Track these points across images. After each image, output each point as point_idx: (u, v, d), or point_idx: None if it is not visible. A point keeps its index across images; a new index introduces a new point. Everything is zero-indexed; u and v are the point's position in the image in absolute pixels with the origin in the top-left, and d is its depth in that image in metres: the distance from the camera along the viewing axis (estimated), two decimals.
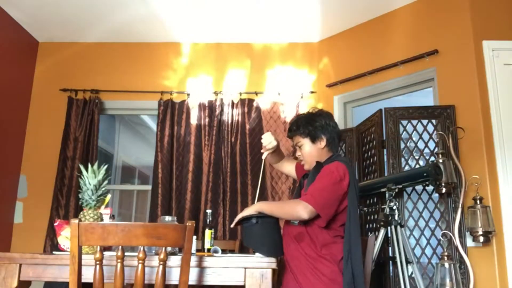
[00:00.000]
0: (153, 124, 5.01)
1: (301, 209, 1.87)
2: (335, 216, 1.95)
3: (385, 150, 2.94)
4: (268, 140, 2.18)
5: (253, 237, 1.99)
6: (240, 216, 2.00)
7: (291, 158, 2.45)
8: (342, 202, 1.96)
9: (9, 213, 3.72)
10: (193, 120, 3.84)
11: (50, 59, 4.11)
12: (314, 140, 2.10)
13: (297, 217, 1.90)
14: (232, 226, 2.08)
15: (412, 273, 2.52)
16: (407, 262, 2.47)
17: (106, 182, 1.94)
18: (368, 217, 3.10)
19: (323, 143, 2.10)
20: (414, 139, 2.92)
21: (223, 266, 1.78)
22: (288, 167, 2.39)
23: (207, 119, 3.83)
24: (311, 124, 2.11)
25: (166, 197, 3.67)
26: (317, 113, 2.17)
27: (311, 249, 1.95)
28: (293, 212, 1.90)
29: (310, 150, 2.11)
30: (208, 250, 2.58)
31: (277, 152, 2.29)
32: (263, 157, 2.23)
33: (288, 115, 3.80)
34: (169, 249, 1.96)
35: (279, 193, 3.64)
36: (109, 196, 2.12)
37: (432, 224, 2.77)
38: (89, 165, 1.92)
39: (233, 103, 3.87)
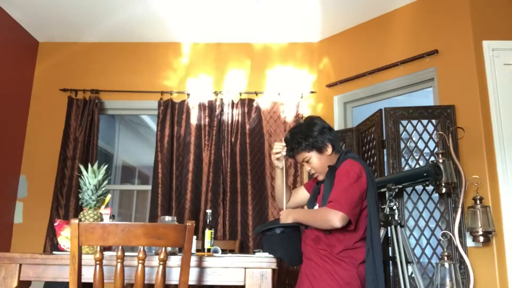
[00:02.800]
0: (153, 124, 5.00)
1: (333, 218, 1.82)
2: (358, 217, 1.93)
3: (385, 150, 2.94)
4: (279, 146, 2.14)
5: (277, 246, 2.00)
6: (272, 225, 2.03)
7: (296, 189, 2.40)
8: (364, 201, 1.94)
9: (9, 213, 3.72)
10: (193, 120, 3.84)
11: (50, 59, 4.11)
12: (320, 150, 2.07)
13: (331, 226, 1.85)
14: (254, 233, 2.11)
15: (412, 273, 2.52)
16: (407, 262, 2.47)
17: (106, 182, 1.94)
18: None
19: (329, 149, 2.07)
20: (414, 139, 2.92)
21: (223, 266, 1.78)
22: (301, 195, 2.32)
23: (207, 119, 3.83)
24: (310, 136, 2.06)
25: (166, 197, 3.67)
26: (309, 122, 2.13)
27: (329, 252, 1.93)
28: (326, 222, 1.86)
29: (321, 161, 2.07)
30: (208, 250, 2.58)
31: (287, 189, 2.25)
32: (283, 154, 2.15)
33: (288, 115, 3.80)
34: (169, 249, 1.96)
35: None
36: (109, 196, 2.12)
37: (432, 224, 2.77)
38: (89, 165, 1.92)
39: (233, 103, 3.87)
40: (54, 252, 1.93)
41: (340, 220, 1.82)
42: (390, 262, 2.71)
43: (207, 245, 2.62)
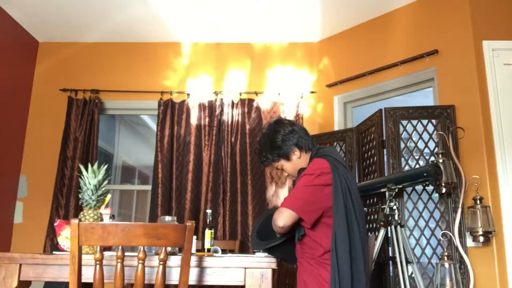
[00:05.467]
0: (153, 124, 5.01)
1: (276, 217, 1.81)
2: (329, 216, 1.85)
3: (385, 150, 2.94)
4: None
5: (275, 249, 1.99)
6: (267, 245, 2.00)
7: None
8: (328, 198, 1.85)
9: (9, 213, 3.72)
10: (193, 120, 3.84)
11: (50, 59, 4.11)
12: (288, 157, 2.06)
13: (276, 225, 1.83)
14: (254, 249, 2.10)
15: (412, 273, 2.52)
16: (407, 262, 2.47)
17: (106, 182, 1.94)
18: (368, 217, 3.10)
19: (296, 153, 2.05)
20: (414, 139, 2.92)
21: (223, 266, 1.78)
22: None
23: (207, 119, 3.83)
24: (274, 146, 2.05)
25: (166, 197, 3.67)
26: (270, 131, 2.09)
27: (312, 255, 1.90)
28: (273, 222, 1.84)
29: (292, 166, 2.07)
30: (208, 250, 2.58)
31: None
32: None
33: (288, 115, 3.80)
34: (169, 249, 1.96)
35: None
36: (109, 196, 2.12)
37: (432, 224, 2.77)
38: (89, 165, 1.92)
39: (233, 103, 3.87)
40: (54, 252, 1.93)
41: (283, 217, 1.79)
42: (390, 262, 2.71)
43: (207, 245, 2.62)
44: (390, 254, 2.70)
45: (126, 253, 1.55)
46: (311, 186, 1.85)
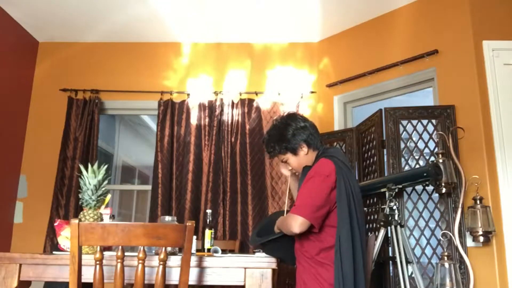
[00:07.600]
0: (153, 124, 5.01)
1: (291, 224, 1.82)
2: (328, 216, 1.88)
3: (385, 150, 2.94)
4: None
5: (275, 249, 2.01)
6: (264, 239, 2.03)
7: None
8: (333, 200, 1.88)
9: (9, 213, 3.72)
10: (193, 120, 3.84)
11: (50, 59, 4.11)
12: (295, 152, 2.06)
13: (291, 232, 1.84)
14: (251, 243, 2.11)
15: (412, 273, 2.52)
16: (407, 262, 2.47)
17: (106, 182, 1.94)
18: (368, 217, 3.10)
19: (304, 149, 2.06)
20: (414, 139, 2.92)
21: (223, 266, 1.78)
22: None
23: (207, 119, 3.83)
24: (283, 139, 2.05)
25: (166, 197, 3.67)
26: (282, 124, 2.10)
27: (311, 255, 1.91)
28: (287, 227, 1.85)
29: (298, 161, 2.08)
30: (208, 250, 2.58)
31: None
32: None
33: None
34: (169, 249, 1.96)
35: (279, 193, 3.64)
36: (109, 196, 2.13)
37: (432, 224, 2.77)
38: (89, 165, 1.92)
39: (233, 103, 3.87)
40: (54, 252, 1.93)
41: (298, 225, 1.80)
42: (390, 262, 2.71)
43: (207, 245, 2.62)
44: (390, 254, 2.70)
45: (126, 253, 1.55)
46: (323, 189, 1.86)
